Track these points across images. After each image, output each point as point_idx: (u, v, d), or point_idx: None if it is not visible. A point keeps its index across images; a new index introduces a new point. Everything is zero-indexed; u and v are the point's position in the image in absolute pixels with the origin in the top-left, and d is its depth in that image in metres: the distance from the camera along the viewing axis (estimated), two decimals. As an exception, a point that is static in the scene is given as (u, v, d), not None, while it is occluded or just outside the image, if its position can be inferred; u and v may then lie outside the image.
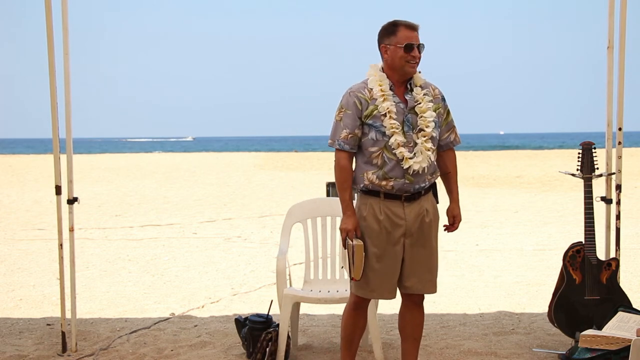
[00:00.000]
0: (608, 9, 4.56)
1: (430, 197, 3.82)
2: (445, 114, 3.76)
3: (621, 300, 4.43)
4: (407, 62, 3.58)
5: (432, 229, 3.79)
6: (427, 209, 3.76)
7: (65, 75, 4.53)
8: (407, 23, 3.61)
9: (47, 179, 21.25)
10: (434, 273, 3.78)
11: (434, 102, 3.68)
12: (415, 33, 3.61)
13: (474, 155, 37.87)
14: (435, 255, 3.82)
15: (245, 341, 4.54)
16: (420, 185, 3.70)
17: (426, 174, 3.69)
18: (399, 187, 3.63)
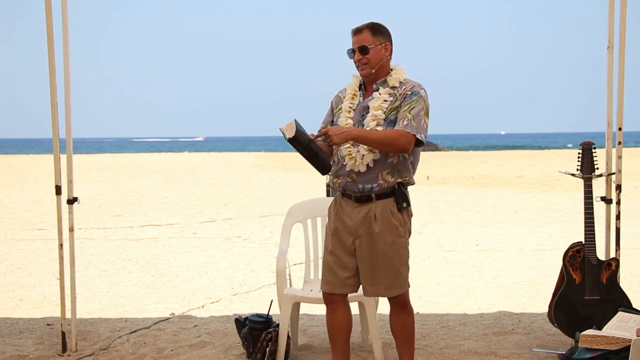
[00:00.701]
0: (608, 9, 4.56)
1: (386, 202, 3.68)
2: (406, 105, 3.60)
3: (621, 300, 4.43)
4: (357, 66, 3.69)
5: (380, 236, 3.67)
6: (376, 214, 3.66)
7: (65, 75, 4.53)
8: (353, 29, 3.71)
9: (47, 179, 21.25)
10: (390, 278, 3.75)
11: (397, 100, 3.63)
12: (356, 37, 3.68)
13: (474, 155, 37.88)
14: (387, 262, 3.72)
15: (245, 341, 4.54)
16: (366, 186, 3.65)
17: (376, 174, 3.63)
18: (344, 186, 3.70)
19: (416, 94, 3.62)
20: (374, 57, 3.65)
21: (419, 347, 4.65)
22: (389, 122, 3.62)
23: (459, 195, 16.58)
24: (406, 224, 3.79)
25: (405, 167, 3.69)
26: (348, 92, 3.77)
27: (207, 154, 45.93)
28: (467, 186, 19.05)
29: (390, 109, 3.64)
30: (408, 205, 3.75)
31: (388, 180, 3.65)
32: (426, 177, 22.35)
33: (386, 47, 3.69)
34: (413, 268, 8.01)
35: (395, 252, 3.75)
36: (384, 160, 3.63)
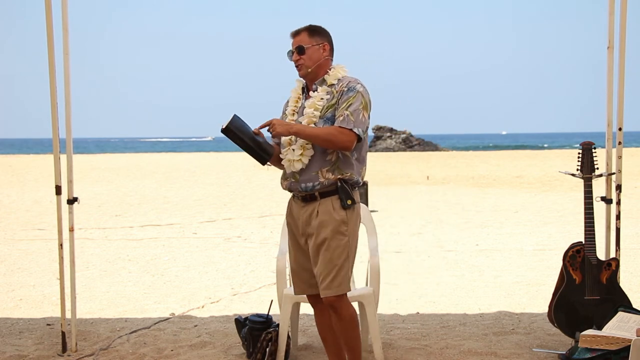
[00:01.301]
0: (608, 9, 4.56)
1: (330, 200, 3.64)
2: (344, 102, 3.60)
3: (621, 300, 4.43)
4: (296, 67, 3.74)
5: (321, 231, 3.63)
6: (318, 211, 3.64)
7: (65, 75, 4.53)
8: (292, 31, 3.76)
9: (47, 179, 21.25)
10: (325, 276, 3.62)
11: (334, 98, 3.63)
12: (294, 39, 3.74)
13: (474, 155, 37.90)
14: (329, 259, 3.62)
15: (245, 341, 4.54)
16: (308, 185, 3.65)
17: (315, 173, 3.63)
18: (289, 186, 3.75)
19: (353, 89, 3.63)
20: (311, 57, 3.69)
21: (419, 347, 4.65)
22: (325, 120, 3.62)
23: (459, 195, 16.58)
24: (350, 223, 3.66)
25: (346, 164, 3.65)
26: (292, 96, 3.83)
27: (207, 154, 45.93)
28: (467, 186, 19.05)
29: (327, 107, 3.65)
30: (353, 203, 3.64)
31: (329, 177, 3.62)
32: (426, 177, 22.36)
33: (324, 48, 3.72)
34: (414, 268, 8.06)
35: (334, 250, 3.62)
36: (323, 158, 3.63)
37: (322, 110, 3.66)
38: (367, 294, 4.37)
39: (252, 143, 3.67)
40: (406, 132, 50.78)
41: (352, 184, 3.66)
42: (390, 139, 49.92)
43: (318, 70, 3.72)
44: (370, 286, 4.43)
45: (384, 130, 50.95)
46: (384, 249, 8.82)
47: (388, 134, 50.40)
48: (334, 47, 3.79)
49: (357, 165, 3.69)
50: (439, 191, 17.56)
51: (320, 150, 3.62)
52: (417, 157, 36.06)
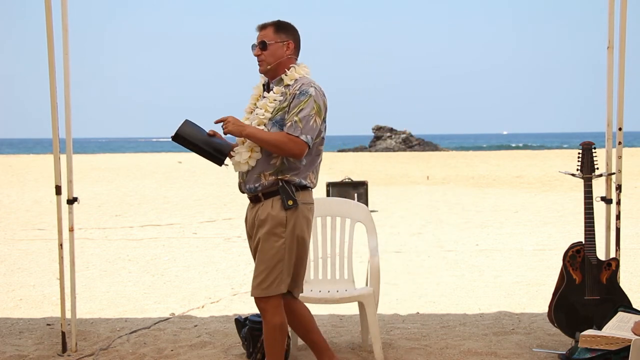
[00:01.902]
0: (608, 9, 4.56)
1: (271, 202, 3.60)
2: (294, 107, 3.54)
3: (621, 300, 4.43)
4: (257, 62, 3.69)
5: (257, 234, 3.63)
6: (259, 211, 3.63)
7: (65, 75, 4.53)
8: (258, 25, 3.70)
9: (47, 179, 21.24)
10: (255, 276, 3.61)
11: (286, 100, 3.58)
12: (259, 33, 3.67)
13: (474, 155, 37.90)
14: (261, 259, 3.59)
15: (245, 341, 4.54)
16: (251, 187, 3.64)
17: (257, 174, 3.61)
18: (239, 186, 3.76)
19: (304, 93, 3.55)
20: (273, 54, 3.62)
21: (419, 347, 4.65)
22: (274, 122, 3.58)
23: (459, 195, 16.58)
24: (289, 225, 3.58)
25: (291, 168, 3.60)
26: (253, 93, 3.79)
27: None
28: (467, 186, 19.05)
29: (278, 109, 3.59)
30: (295, 204, 3.58)
31: (270, 179, 3.60)
32: (426, 177, 22.36)
33: (288, 46, 3.65)
34: (414, 268, 8.06)
35: (267, 250, 3.57)
36: (267, 162, 3.60)
37: (273, 112, 3.59)
38: (367, 294, 4.37)
39: (205, 146, 3.64)
40: (406, 132, 50.81)
41: (295, 186, 3.60)
42: (390, 139, 49.94)
43: (278, 68, 3.65)
44: (370, 286, 4.43)
45: (384, 130, 50.98)
46: (384, 249, 8.82)
47: (388, 134, 50.43)
48: (300, 47, 3.71)
49: (304, 169, 3.64)
50: (439, 191, 17.56)
51: (266, 154, 3.58)
52: (417, 157, 36.06)
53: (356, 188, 13.22)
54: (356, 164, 30.59)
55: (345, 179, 14.42)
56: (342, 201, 4.87)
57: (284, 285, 3.63)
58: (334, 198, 4.96)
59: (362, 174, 22.91)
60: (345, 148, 54.03)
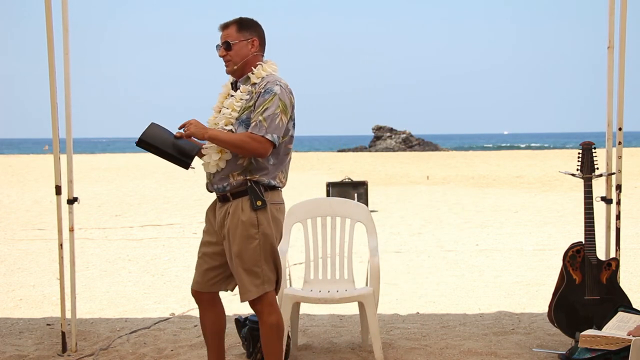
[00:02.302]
0: (608, 9, 4.56)
1: (240, 202, 3.55)
2: (259, 107, 3.48)
3: (621, 300, 4.43)
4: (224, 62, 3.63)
5: (229, 235, 3.55)
6: (229, 211, 3.56)
7: (65, 75, 4.53)
8: (221, 24, 3.64)
9: (47, 179, 21.24)
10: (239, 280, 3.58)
11: (252, 99, 3.53)
12: (223, 32, 3.61)
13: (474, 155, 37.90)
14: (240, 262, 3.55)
15: (245, 341, 4.54)
16: (219, 186, 3.59)
17: (225, 174, 3.56)
18: (207, 186, 3.71)
19: (269, 91, 3.49)
20: (238, 53, 3.56)
21: (419, 347, 4.66)
22: (241, 122, 3.53)
23: (459, 195, 16.58)
24: (261, 225, 3.54)
25: (259, 168, 3.56)
26: (222, 92, 3.71)
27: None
28: (467, 186, 19.05)
29: (244, 108, 3.54)
30: (264, 204, 3.53)
31: (238, 179, 3.55)
32: (426, 177, 22.36)
33: (253, 43, 3.58)
34: (414, 268, 8.06)
35: (244, 252, 3.53)
36: (234, 162, 3.55)
37: (240, 110, 3.55)
38: (367, 294, 4.37)
39: (170, 150, 3.59)
40: (406, 132, 50.82)
41: (264, 186, 3.57)
42: (390, 139, 49.96)
43: (245, 67, 3.59)
44: (370, 286, 4.43)
45: (384, 130, 51.00)
46: (384, 249, 8.82)
47: (388, 134, 50.45)
48: (265, 43, 3.66)
49: (273, 169, 3.59)
50: (439, 191, 17.56)
51: (234, 154, 3.54)
52: (417, 157, 36.06)
53: (356, 188, 13.23)
54: (356, 164, 30.59)
55: (345, 179, 14.43)
56: (342, 201, 4.87)
57: (271, 283, 3.62)
58: (334, 198, 4.96)
59: (362, 174, 22.91)
60: (345, 148, 54.04)
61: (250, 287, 3.56)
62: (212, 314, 3.88)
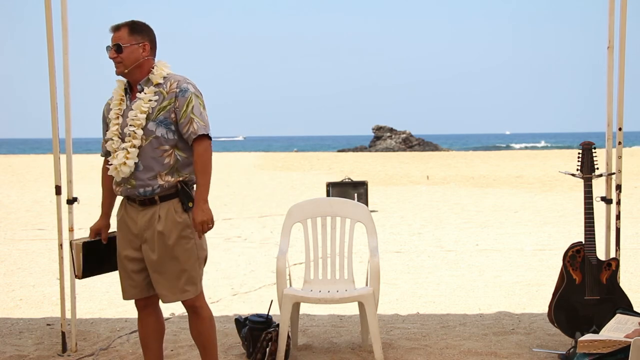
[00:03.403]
0: (608, 9, 4.56)
1: (171, 203, 3.54)
2: (183, 107, 3.49)
3: (621, 301, 4.43)
4: (114, 64, 3.59)
5: (164, 236, 3.52)
6: (160, 215, 3.52)
7: (65, 75, 4.53)
8: (112, 26, 3.62)
9: (47, 179, 21.25)
10: (173, 281, 3.57)
11: (165, 99, 3.50)
12: (114, 34, 3.59)
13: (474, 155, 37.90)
14: (174, 264, 3.55)
15: (245, 341, 4.54)
16: (147, 190, 3.51)
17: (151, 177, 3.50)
18: (125, 193, 3.58)
19: (185, 91, 3.51)
20: (129, 56, 3.54)
21: (419, 347, 4.66)
22: (158, 122, 3.49)
23: (459, 195, 16.58)
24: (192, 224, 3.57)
25: (184, 165, 3.56)
26: (114, 98, 3.64)
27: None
28: (467, 186, 19.05)
29: (158, 109, 3.52)
30: (193, 203, 3.54)
31: (169, 180, 3.51)
32: (426, 177, 22.37)
33: (144, 47, 3.58)
34: (414, 268, 8.06)
35: (181, 254, 3.55)
36: (160, 162, 3.51)
37: (153, 113, 3.50)
38: (367, 294, 4.37)
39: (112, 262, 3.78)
40: (406, 132, 50.83)
41: (191, 185, 3.59)
42: (390, 139, 49.96)
43: (137, 70, 3.57)
44: (370, 286, 4.43)
45: (384, 130, 51.01)
46: (384, 249, 8.82)
47: (388, 134, 50.45)
48: (156, 46, 3.66)
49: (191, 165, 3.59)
50: (439, 191, 17.56)
51: (155, 154, 3.50)
52: (417, 157, 36.07)
53: (356, 188, 13.23)
54: (356, 164, 30.60)
55: (345, 179, 14.43)
56: (342, 201, 4.87)
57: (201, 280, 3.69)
58: (334, 198, 4.96)
59: (362, 174, 22.92)
60: (345, 148, 54.05)
61: (188, 286, 3.59)
62: (153, 318, 3.85)
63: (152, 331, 3.84)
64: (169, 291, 3.59)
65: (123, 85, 3.64)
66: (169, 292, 3.59)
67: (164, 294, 3.61)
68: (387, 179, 22.01)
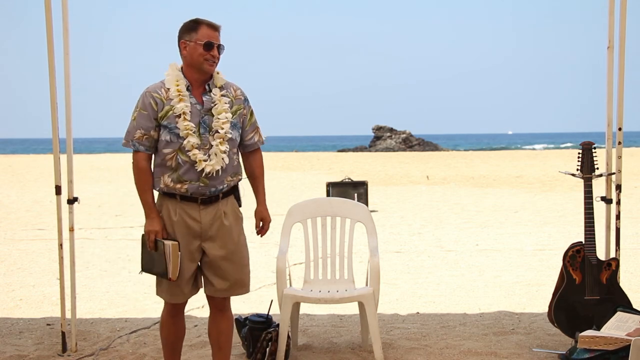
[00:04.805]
0: (608, 9, 4.56)
1: (230, 200, 3.68)
2: (248, 114, 3.71)
3: (621, 300, 4.43)
4: (205, 60, 3.54)
5: (232, 232, 3.64)
6: (224, 211, 3.63)
7: (65, 75, 4.53)
8: (209, 22, 3.60)
9: (47, 179, 21.25)
10: (239, 275, 3.67)
11: (234, 103, 3.64)
12: (216, 33, 3.59)
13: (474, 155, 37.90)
14: (240, 257, 3.67)
15: (245, 341, 4.54)
16: (218, 188, 3.60)
17: (225, 176, 3.61)
18: (194, 190, 3.57)
19: (247, 100, 3.73)
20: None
21: (419, 347, 4.66)
22: (233, 125, 3.60)
23: (459, 195, 16.59)
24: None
25: (240, 167, 3.76)
26: (175, 91, 3.55)
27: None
28: (467, 186, 19.05)
29: (234, 112, 3.63)
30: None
31: (233, 180, 3.67)
32: (426, 177, 22.37)
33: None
34: (414, 268, 8.07)
35: (243, 248, 3.72)
36: (232, 163, 3.63)
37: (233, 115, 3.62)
38: (367, 294, 4.37)
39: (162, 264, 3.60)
40: (406, 132, 50.84)
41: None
42: (390, 139, 49.96)
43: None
44: (370, 286, 4.43)
45: (384, 130, 51.01)
46: (384, 249, 8.82)
47: (388, 134, 50.46)
48: None
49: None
50: (439, 191, 17.56)
51: (232, 158, 3.64)
52: (417, 157, 36.07)
53: (356, 188, 13.23)
54: (356, 164, 30.60)
55: (345, 179, 14.43)
56: (342, 201, 4.87)
57: None
58: (334, 198, 4.96)
59: (362, 174, 22.92)
60: (345, 148, 54.05)
61: (246, 282, 3.72)
62: (183, 322, 3.85)
63: (182, 334, 3.84)
64: (230, 285, 3.65)
65: (184, 81, 3.58)
66: (230, 287, 3.65)
67: (223, 289, 3.65)
68: (387, 179, 22.01)
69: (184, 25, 3.60)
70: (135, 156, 3.62)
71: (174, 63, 3.62)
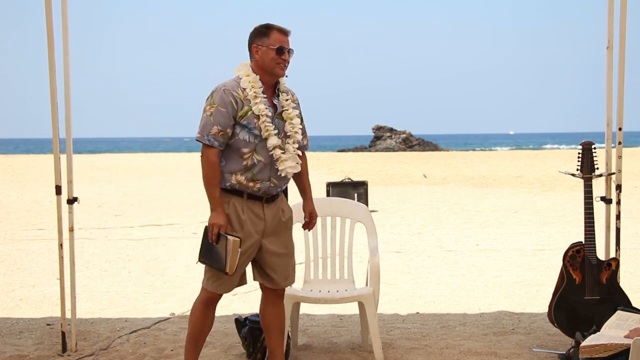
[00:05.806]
0: (608, 9, 4.56)
1: (282, 197, 3.93)
2: (301, 118, 3.88)
3: (621, 300, 4.43)
4: (277, 64, 3.65)
5: (287, 227, 3.91)
6: (282, 208, 3.88)
7: (65, 75, 4.53)
8: (280, 27, 3.70)
9: (47, 179, 21.25)
10: (291, 268, 3.94)
11: (297, 108, 3.83)
12: (287, 38, 3.71)
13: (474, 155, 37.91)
14: (293, 250, 3.94)
15: (245, 341, 4.54)
16: (281, 188, 3.84)
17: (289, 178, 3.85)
18: (264, 190, 3.72)
19: (299, 104, 3.87)
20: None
21: (419, 347, 4.66)
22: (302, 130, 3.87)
23: (459, 195, 16.58)
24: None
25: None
26: (253, 91, 3.64)
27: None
28: (467, 186, 19.05)
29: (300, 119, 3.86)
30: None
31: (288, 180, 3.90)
32: (423, 175, 22.38)
33: None
34: (414, 268, 8.07)
35: (292, 241, 3.96)
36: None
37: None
38: (367, 294, 4.37)
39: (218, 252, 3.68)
40: (406, 132, 50.83)
41: None
42: (390, 139, 49.95)
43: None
44: (370, 286, 4.43)
45: (384, 130, 51.00)
46: (384, 249, 8.82)
47: (388, 134, 50.45)
48: None
49: None
50: (439, 191, 17.57)
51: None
52: (417, 157, 36.07)
53: (356, 188, 13.23)
54: (356, 164, 30.60)
55: (345, 179, 14.43)
56: (342, 201, 4.87)
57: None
58: (334, 198, 4.96)
59: (362, 174, 22.92)
60: (345, 148, 54.04)
61: (293, 273, 3.96)
62: (214, 314, 3.98)
63: (209, 327, 3.93)
64: (287, 277, 3.90)
65: (260, 84, 3.67)
66: (287, 278, 3.91)
67: (280, 281, 3.90)
68: (387, 179, 22.01)
69: (256, 30, 3.71)
70: (207, 151, 3.65)
71: (246, 63, 3.73)
